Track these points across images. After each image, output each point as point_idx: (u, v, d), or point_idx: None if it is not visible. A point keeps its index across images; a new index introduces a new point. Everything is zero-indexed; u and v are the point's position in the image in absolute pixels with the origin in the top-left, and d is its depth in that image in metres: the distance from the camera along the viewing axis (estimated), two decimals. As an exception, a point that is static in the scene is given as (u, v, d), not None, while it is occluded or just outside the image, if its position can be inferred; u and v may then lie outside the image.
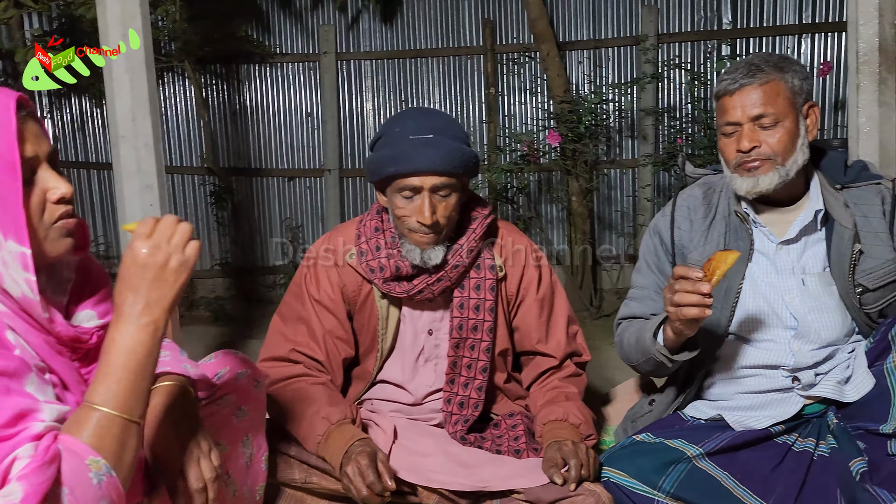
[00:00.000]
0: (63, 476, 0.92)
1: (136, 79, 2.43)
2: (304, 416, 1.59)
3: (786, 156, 1.55)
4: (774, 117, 1.53)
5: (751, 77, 1.54)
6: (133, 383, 0.99)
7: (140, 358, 1.00)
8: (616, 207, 4.96)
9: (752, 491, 1.50)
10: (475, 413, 1.71)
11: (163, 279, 1.01)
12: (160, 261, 1.00)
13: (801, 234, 1.62)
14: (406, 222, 1.59)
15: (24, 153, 0.98)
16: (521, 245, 1.76)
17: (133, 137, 2.44)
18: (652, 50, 4.59)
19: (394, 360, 1.76)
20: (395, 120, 1.66)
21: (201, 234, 5.31)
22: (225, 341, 4.02)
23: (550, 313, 1.78)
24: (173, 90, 5.15)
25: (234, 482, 1.41)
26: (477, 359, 1.70)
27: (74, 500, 0.91)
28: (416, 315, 1.73)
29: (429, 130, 1.58)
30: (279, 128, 5.25)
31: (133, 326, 1.00)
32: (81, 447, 0.95)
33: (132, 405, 0.99)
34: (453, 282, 1.67)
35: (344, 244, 1.72)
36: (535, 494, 1.49)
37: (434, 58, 5.08)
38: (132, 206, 2.51)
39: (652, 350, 1.59)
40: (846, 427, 1.53)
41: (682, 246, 1.72)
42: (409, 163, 1.54)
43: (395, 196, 1.60)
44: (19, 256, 0.97)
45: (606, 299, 4.65)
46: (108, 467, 0.95)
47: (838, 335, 1.60)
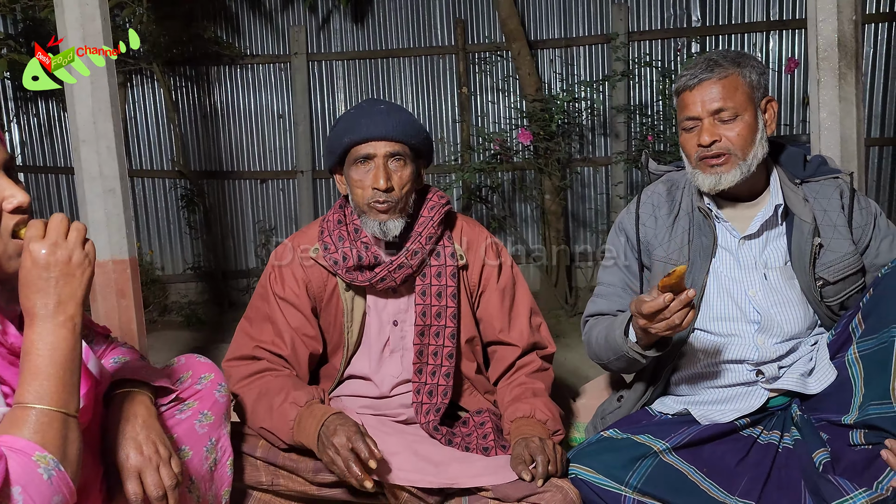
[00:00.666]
0: (12, 475, 0.90)
1: (97, 81, 2.39)
2: (273, 408, 1.59)
3: (746, 150, 1.56)
4: (734, 111, 1.55)
5: (709, 72, 1.56)
6: (62, 379, 0.99)
7: (65, 353, 1.00)
8: (589, 205, 4.99)
9: (718, 484, 1.51)
10: (445, 401, 1.72)
11: (69, 275, 1.00)
12: (62, 258, 1.00)
13: (762, 228, 1.63)
14: (364, 195, 1.63)
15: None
16: (480, 237, 1.80)
17: (94, 141, 2.40)
18: (622, 48, 4.62)
19: (360, 355, 1.77)
20: (350, 108, 1.76)
21: (172, 238, 5.25)
22: (197, 346, 3.98)
23: (512, 303, 1.80)
24: (142, 93, 5.09)
25: (197, 488, 1.39)
26: (442, 345, 1.72)
27: (28, 497, 0.90)
28: (381, 306, 1.75)
29: (381, 103, 1.68)
30: (251, 130, 5.21)
31: (50, 325, 0.99)
32: (25, 444, 0.93)
33: (66, 399, 0.99)
34: (415, 269, 1.69)
35: (308, 242, 1.75)
36: (503, 491, 1.49)
37: (406, 57, 5.08)
38: (95, 210, 2.47)
39: (624, 348, 1.59)
40: (809, 419, 1.54)
41: (648, 242, 1.73)
42: (363, 129, 1.61)
43: (351, 170, 1.65)
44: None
45: (581, 297, 4.67)
46: (56, 461, 0.94)
47: (801, 328, 1.62)
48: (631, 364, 1.64)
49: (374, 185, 1.61)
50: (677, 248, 1.68)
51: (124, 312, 2.44)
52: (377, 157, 1.62)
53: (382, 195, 1.61)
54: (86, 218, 2.48)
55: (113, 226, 2.45)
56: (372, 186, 1.62)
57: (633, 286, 1.77)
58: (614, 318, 1.68)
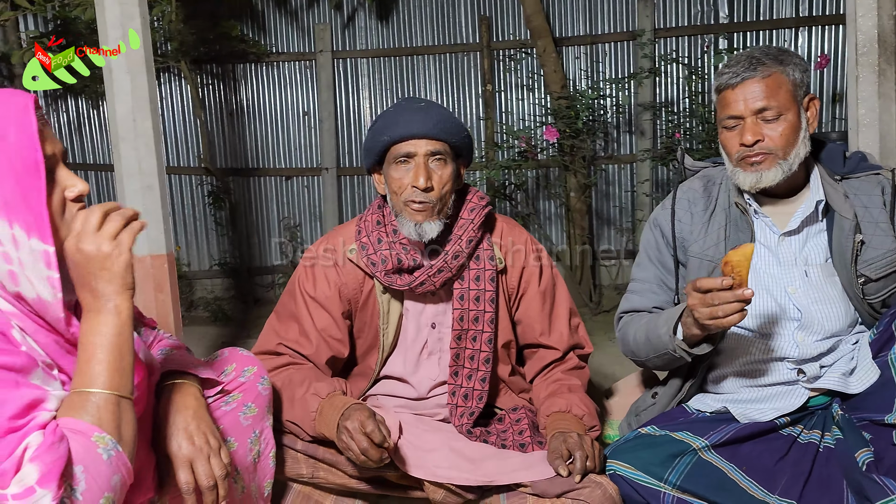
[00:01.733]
0: (74, 454, 0.93)
1: (136, 79, 2.42)
2: (296, 400, 1.59)
3: (788, 149, 1.55)
4: (777, 110, 1.53)
5: (752, 70, 1.54)
6: (114, 363, 1.02)
7: (112, 339, 1.02)
8: (614, 203, 4.97)
9: (758, 482, 1.50)
10: (480, 405, 1.72)
11: (102, 267, 1.02)
12: (91, 252, 1.01)
13: (802, 225, 1.62)
14: (402, 194, 1.61)
15: (44, 152, 0.99)
16: (520, 239, 1.77)
17: (133, 138, 2.44)
18: (649, 45, 4.59)
19: (396, 356, 1.76)
20: (390, 105, 1.73)
21: (199, 234, 5.30)
22: (224, 341, 4.02)
23: (553, 306, 1.79)
24: (169, 91, 5.14)
25: (241, 479, 1.41)
26: (479, 350, 1.71)
27: (89, 476, 0.93)
28: (419, 309, 1.73)
29: (421, 101, 1.66)
30: (276, 127, 5.25)
31: (95, 315, 1.03)
32: (84, 426, 0.96)
33: (119, 382, 1.02)
34: (454, 272, 1.66)
35: (344, 243, 1.72)
36: (541, 487, 1.49)
37: (430, 55, 5.08)
38: (133, 206, 2.48)
39: (669, 346, 1.57)
40: (851, 418, 1.53)
41: (683, 238, 1.72)
42: (403, 127, 1.59)
43: (390, 168, 1.63)
44: (42, 254, 0.98)
45: (606, 295, 4.66)
46: (114, 442, 0.97)
47: (842, 326, 1.60)
48: (671, 362, 1.63)
49: (413, 184, 1.59)
50: (713, 244, 1.67)
51: (161, 306, 2.48)
52: (417, 155, 1.59)
53: (421, 194, 1.59)
54: (125, 214, 2.51)
55: (151, 221, 2.48)
56: (412, 185, 1.59)
57: (668, 282, 1.76)
58: (656, 316, 1.66)
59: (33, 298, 1.00)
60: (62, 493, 0.90)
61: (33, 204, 0.97)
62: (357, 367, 1.82)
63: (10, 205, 0.96)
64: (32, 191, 0.97)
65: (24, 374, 0.95)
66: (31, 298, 1.00)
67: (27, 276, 0.98)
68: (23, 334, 0.99)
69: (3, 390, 0.91)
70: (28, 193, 0.97)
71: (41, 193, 0.97)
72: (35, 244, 0.98)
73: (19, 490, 0.87)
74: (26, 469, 0.89)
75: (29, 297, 1.00)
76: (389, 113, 1.66)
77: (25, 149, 0.97)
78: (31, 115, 0.98)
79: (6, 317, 0.98)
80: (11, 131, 0.96)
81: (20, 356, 0.96)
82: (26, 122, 0.97)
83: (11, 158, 0.96)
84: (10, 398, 0.91)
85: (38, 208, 0.97)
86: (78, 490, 0.92)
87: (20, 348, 0.97)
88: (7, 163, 0.96)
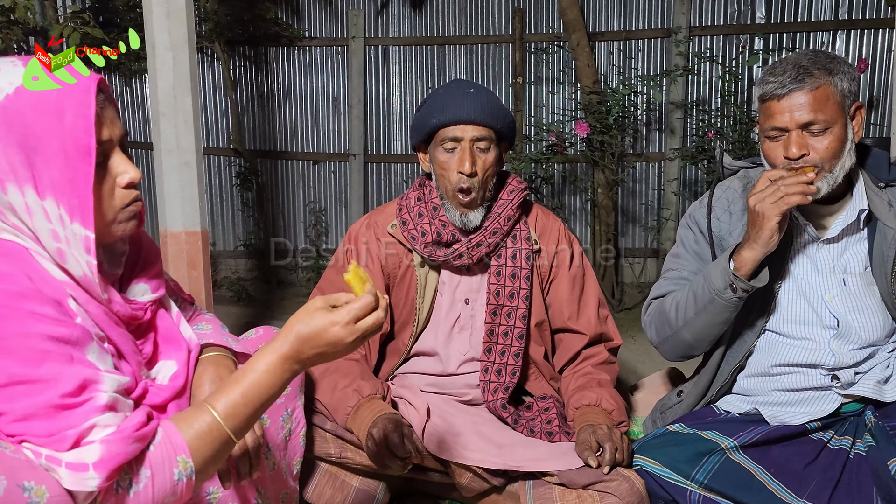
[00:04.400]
0: (151, 460, 0.95)
1: (178, 56, 2.45)
2: (336, 388, 1.64)
3: (834, 162, 1.51)
4: (824, 124, 1.48)
5: (800, 82, 1.48)
6: (252, 409, 1.03)
7: (269, 391, 1.03)
8: (641, 201, 4.94)
9: (786, 485, 1.50)
10: (513, 381, 1.74)
11: (327, 354, 1.04)
12: (338, 336, 1.02)
13: (842, 233, 1.59)
14: (448, 176, 1.67)
15: (100, 137, 0.99)
16: (554, 225, 1.83)
17: (173, 115, 2.46)
18: (684, 42, 4.54)
19: (428, 331, 1.80)
20: (440, 87, 1.78)
21: (225, 214, 5.35)
22: (248, 322, 4.05)
23: (581, 292, 1.82)
24: (202, 71, 5.18)
25: (272, 455, 1.43)
26: (513, 326, 1.75)
27: (152, 485, 0.95)
28: (455, 283, 1.78)
29: (470, 86, 1.70)
30: (305, 111, 5.27)
31: (283, 366, 1.03)
32: (181, 443, 0.98)
33: (240, 427, 1.03)
34: (491, 247, 1.72)
35: (385, 220, 1.79)
36: (568, 477, 1.50)
37: (462, 45, 5.07)
38: (171, 182, 2.54)
39: (719, 286, 1.53)
40: (884, 426, 1.51)
41: (721, 238, 1.70)
42: (452, 112, 1.64)
43: (437, 150, 1.69)
44: (83, 239, 0.99)
45: (628, 293, 4.64)
46: (193, 471, 0.98)
47: (879, 336, 1.58)
48: (716, 315, 1.58)
49: (459, 169, 1.64)
50: None
51: (194, 283, 2.51)
52: (464, 140, 1.65)
53: (466, 179, 1.64)
54: (162, 190, 2.54)
55: (187, 198, 2.52)
56: (457, 170, 1.65)
57: None
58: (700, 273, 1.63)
59: (80, 276, 1.02)
60: (112, 484, 0.92)
61: (79, 188, 0.97)
62: (391, 344, 1.85)
63: (58, 186, 0.97)
64: (80, 175, 0.97)
65: (79, 348, 0.96)
66: (77, 276, 1.02)
67: (73, 254, 1.00)
68: (77, 305, 1.01)
69: (57, 365, 0.92)
70: (76, 177, 0.97)
71: (88, 179, 0.97)
72: (77, 228, 0.98)
73: (75, 461, 0.89)
74: (92, 447, 0.91)
75: (76, 275, 1.02)
76: (439, 95, 1.71)
77: (80, 132, 0.96)
78: (91, 97, 0.98)
79: (62, 286, 1.00)
80: (69, 113, 0.96)
81: (76, 328, 0.97)
82: (85, 106, 0.97)
83: (65, 140, 0.96)
84: (65, 375, 0.92)
85: (84, 193, 0.98)
86: (133, 489, 0.94)
87: (75, 319, 0.98)
88: (60, 144, 0.96)
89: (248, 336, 1.56)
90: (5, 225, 0.99)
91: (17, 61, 0.99)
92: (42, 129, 0.95)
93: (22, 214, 0.98)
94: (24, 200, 0.97)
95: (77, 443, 0.91)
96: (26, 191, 0.97)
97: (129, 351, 1.10)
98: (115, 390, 0.99)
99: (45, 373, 0.91)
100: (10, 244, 0.99)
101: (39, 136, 0.95)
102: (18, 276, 0.95)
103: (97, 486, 0.89)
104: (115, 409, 0.97)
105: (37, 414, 0.90)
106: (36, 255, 1.00)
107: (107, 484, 0.90)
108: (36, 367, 0.91)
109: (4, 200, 0.97)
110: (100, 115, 0.99)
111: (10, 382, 0.90)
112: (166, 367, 1.19)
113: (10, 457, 0.86)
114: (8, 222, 0.99)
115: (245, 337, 1.56)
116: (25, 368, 0.90)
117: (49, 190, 0.97)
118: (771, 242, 1.50)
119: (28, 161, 0.96)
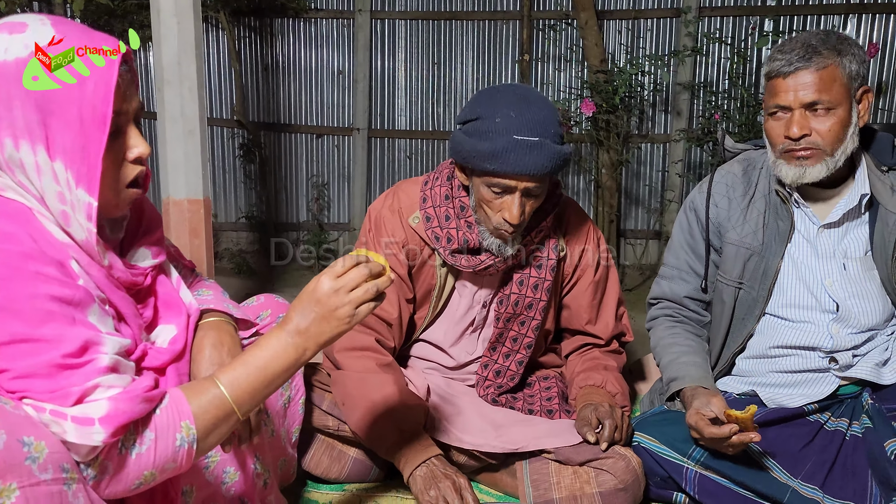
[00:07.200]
0: (156, 422, 0.98)
1: (182, 24, 2.42)
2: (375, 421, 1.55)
3: (836, 145, 1.49)
4: (828, 104, 1.47)
5: (807, 60, 1.46)
6: (258, 386, 1.06)
7: (277, 368, 1.07)
8: (645, 182, 4.92)
9: (782, 466, 1.51)
10: (510, 384, 1.73)
11: (327, 321, 1.07)
12: (332, 305, 1.07)
13: (843, 218, 1.58)
14: (490, 216, 1.53)
15: (117, 108, 0.99)
16: (584, 228, 1.73)
17: (178, 82, 2.45)
18: (693, 23, 4.49)
19: (438, 325, 1.75)
20: (493, 104, 1.49)
21: (227, 186, 5.34)
22: (248, 293, 4.04)
23: (603, 296, 1.77)
24: (206, 41, 5.12)
25: (271, 421, 1.44)
26: (524, 335, 1.71)
27: (154, 447, 0.97)
28: (475, 288, 1.71)
29: (533, 131, 1.44)
30: (310, 84, 5.22)
31: (285, 340, 1.07)
32: (186, 409, 1.01)
33: (246, 403, 1.06)
34: (519, 260, 1.66)
35: (410, 205, 1.67)
36: (565, 454, 1.51)
37: (469, 21, 5.01)
38: (174, 150, 2.52)
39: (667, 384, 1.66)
40: (881, 408, 1.52)
41: (719, 224, 1.69)
42: (511, 166, 1.43)
43: (482, 186, 1.51)
44: (85, 206, 0.99)
45: (629, 275, 4.64)
46: (195, 438, 1.01)
47: (878, 320, 1.58)
48: None
49: (506, 217, 1.49)
50: (751, 232, 1.64)
51: (196, 251, 2.51)
52: (516, 190, 1.48)
53: (511, 227, 1.51)
54: (165, 158, 2.53)
55: (190, 166, 2.51)
56: (503, 217, 1.50)
57: (697, 269, 1.74)
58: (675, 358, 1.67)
59: (82, 240, 1.02)
60: (117, 441, 0.94)
61: (89, 156, 0.98)
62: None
63: (69, 151, 0.97)
64: (92, 142, 0.97)
65: (81, 309, 0.97)
66: (80, 239, 1.02)
67: (77, 219, 1.00)
68: (79, 267, 1.01)
69: (59, 325, 0.93)
70: (88, 144, 0.97)
71: (100, 147, 0.98)
72: (81, 194, 0.99)
73: (80, 415, 0.90)
74: (99, 403, 0.93)
75: (78, 238, 1.02)
76: (495, 134, 1.45)
77: (99, 101, 0.97)
78: (114, 69, 0.98)
79: (65, 248, 1.00)
80: (91, 81, 0.97)
81: (78, 290, 0.97)
82: (108, 77, 0.97)
83: (83, 107, 0.96)
84: (67, 336, 0.93)
85: (93, 161, 0.98)
86: (136, 451, 0.96)
87: (77, 281, 0.98)
88: (77, 110, 0.96)
89: (250, 303, 1.56)
90: (11, 183, 0.99)
91: (44, 19, 0.99)
92: (62, 93, 0.96)
93: (30, 173, 0.98)
94: (35, 159, 0.97)
95: (80, 400, 0.92)
96: (38, 150, 0.97)
97: (130, 314, 1.11)
98: (117, 352, 1.00)
99: (48, 333, 0.92)
100: (14, 203, 0.99)
101: (59, 100, 0.96)
102: (22, 236, 0.95)
103: (102, 441, 0.90)
104: (118, 370, 0.98)
105: (38, 373, 0.91)
106: (39, 215, 1.00)
107: (112, 440, 0.91)
108: (39, 326, 0.91)
109: (16, 157, 0.97)
110: (120, 87, 1.00)
111: (12, 340, 0.90)
112: (166, 331, 1.19)
113: (9, 412, 0.87)
114: (15, 179, 0.99)
115: (246, 304, 1.56)
116: (28, 328, 0.91)
117: (60, 153, 0.97)
118: None
119: (44, 121, 0.96)
